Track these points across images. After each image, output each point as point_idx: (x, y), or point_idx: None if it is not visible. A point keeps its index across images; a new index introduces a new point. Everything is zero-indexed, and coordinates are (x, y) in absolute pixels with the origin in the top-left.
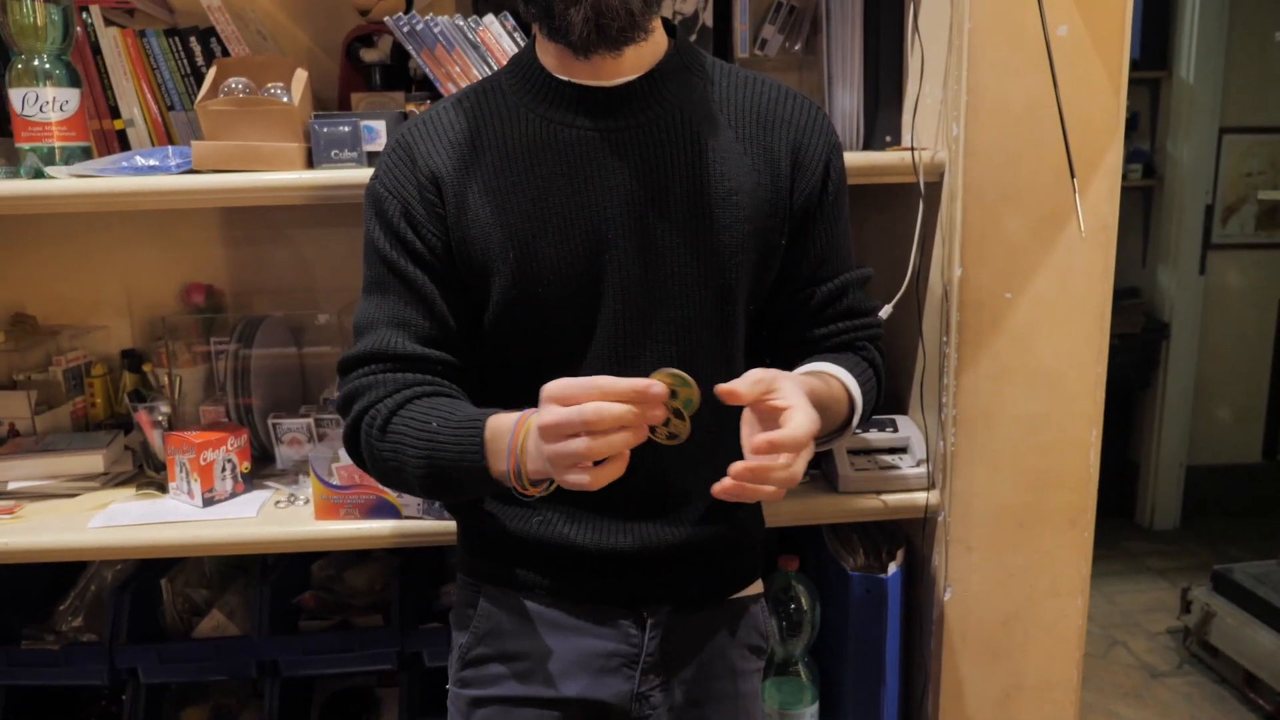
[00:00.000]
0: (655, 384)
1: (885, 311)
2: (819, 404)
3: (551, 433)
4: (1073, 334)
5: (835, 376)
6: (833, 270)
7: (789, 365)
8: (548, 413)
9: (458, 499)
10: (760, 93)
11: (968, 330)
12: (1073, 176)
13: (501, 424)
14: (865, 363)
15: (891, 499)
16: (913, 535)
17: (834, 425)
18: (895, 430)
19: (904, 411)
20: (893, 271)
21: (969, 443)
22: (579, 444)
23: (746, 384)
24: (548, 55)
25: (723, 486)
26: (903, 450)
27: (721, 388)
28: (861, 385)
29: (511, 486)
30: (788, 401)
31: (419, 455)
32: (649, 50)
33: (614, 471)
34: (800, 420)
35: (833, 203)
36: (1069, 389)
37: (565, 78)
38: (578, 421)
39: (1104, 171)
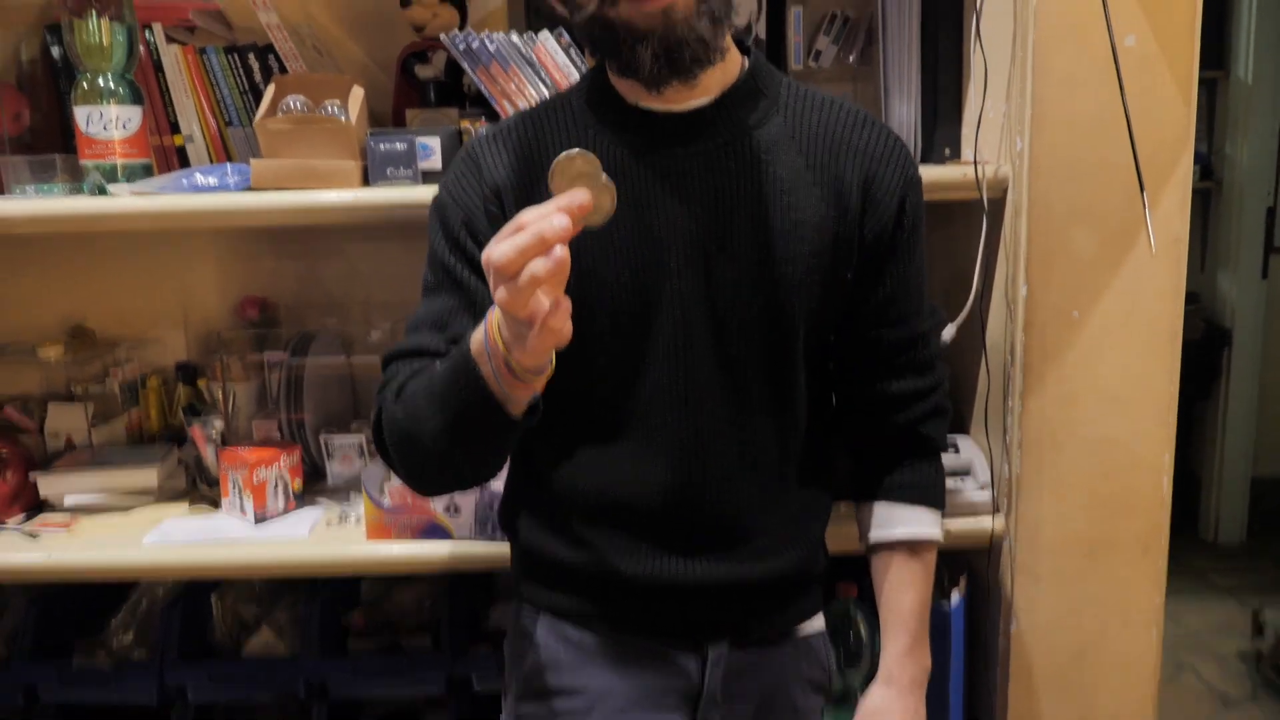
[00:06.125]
0: (581, 193)
1: (949, 333)
2: (919, 625)
3: (510, 267)
4: (1143, 354)
5: (924, 541)
6: (901, 311)
7: (851, 428)
8: (497, 250)
9: (475, 447)
10: (835, 118)
11: (1033, 351)
12: (1142, 190)
13: (476, 330)
14: (930, 464)
15: (954, 524)
16: (976, 562)
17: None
18: (957, 452)
19: (965, 431)
20: (955, 288)
21: (1035, 466)
22: (538, 265)
23: None
24: (619, 78)
25: None
26: (965, 473)
27: None
28: (935, 504)
29: (507, 390)
30: None
31: (427, 399)
32: (721, 72)
33: (566, 311)
34: None
35: (906, 240)
36: (1139, 411)
37: (634, 102)
38: (533, 243)
39: (1174, 184)
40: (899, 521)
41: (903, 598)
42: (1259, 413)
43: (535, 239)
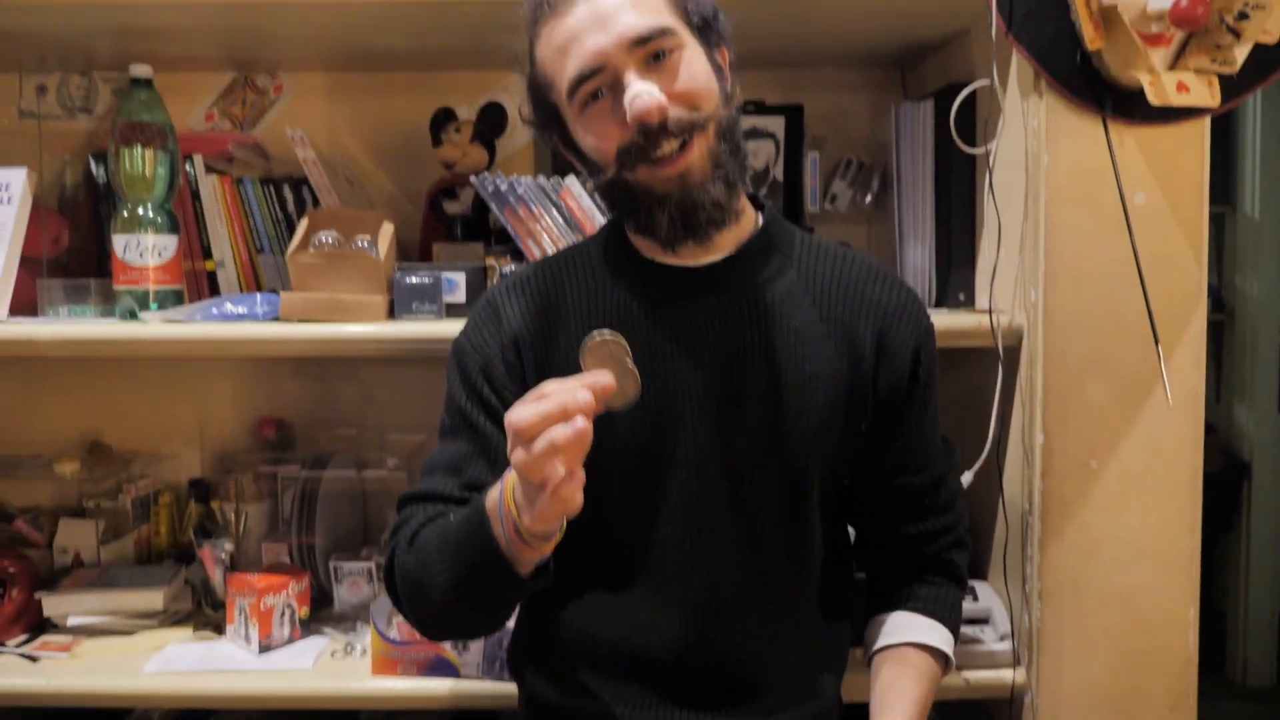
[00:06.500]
0: (605, 375)
1: (965, 479)
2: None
3: (530, 431)
4: (1163, 505)
5: (935, 649)
6: (919, 460)
7: (872, 564)
8: (518, 413)
9: (483, 601)
10: (848, 272)
11: (1051, 499)
12: (1157, 343)
13: (493, 489)
14: (953, 585)
15: (974, 676)
16: (997, 715)
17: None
18: (976, 600)
19: (984, 576)
20: (970, 434)
21: (1056, 618)
22: (557, 431)
23: None
24: (635, 234)
25: None
26: (984, 621)
27: None
28: (950, 626)
29: (515, 551)
30: None
31: (439, 550)
32: (735, 230)
33: (580, 483)
34: None
35: (921, 391)
36: (1161, 563)
37: (650, 257)
38: (555, 411)
39: (1188, 339)
40: (912, 629)
41: (905, 693)
42: None
43: (558, 408)
